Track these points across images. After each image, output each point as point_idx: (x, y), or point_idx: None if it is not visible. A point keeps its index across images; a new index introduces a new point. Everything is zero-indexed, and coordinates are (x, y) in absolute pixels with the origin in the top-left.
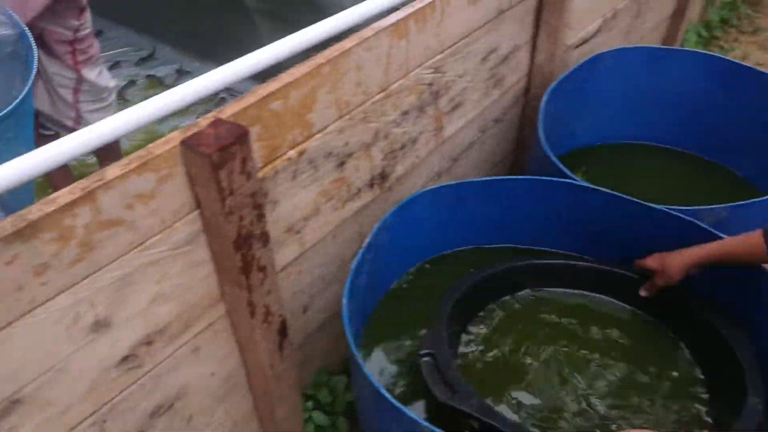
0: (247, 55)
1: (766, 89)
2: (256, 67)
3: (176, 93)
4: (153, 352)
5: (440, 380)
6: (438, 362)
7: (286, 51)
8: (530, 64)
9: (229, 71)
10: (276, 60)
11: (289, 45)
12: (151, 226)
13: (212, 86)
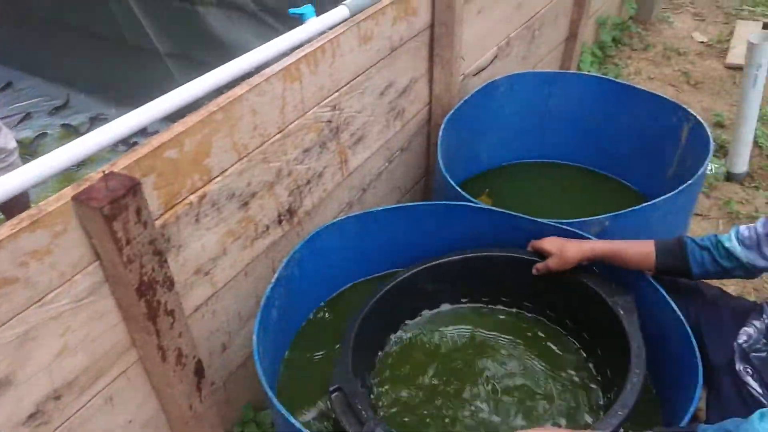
0: (157, 99)
1: (645, 104)
2: (164, 111)
3: (79, 144)
4: (62, 407)
5: (350, 413)
6: (347, 396)
7: (198, 92)
8: (429, 95)
9: (135, 116)
10: (185, 102)
11: (200, 86)
12: (49, 280)
13: (120, 132)
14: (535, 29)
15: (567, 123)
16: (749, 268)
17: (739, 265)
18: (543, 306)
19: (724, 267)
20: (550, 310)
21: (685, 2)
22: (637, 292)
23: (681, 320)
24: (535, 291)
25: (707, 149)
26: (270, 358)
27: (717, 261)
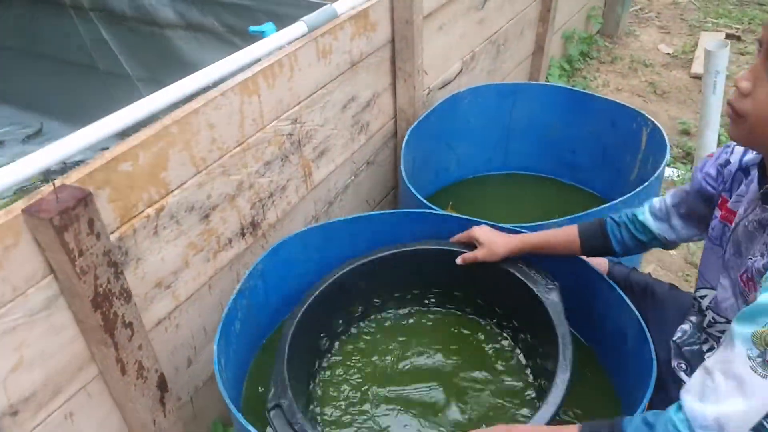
0: (111, 115)
1: (605, 111)
2: (118, 126)
3: (33, 158)
4: (20, 422)
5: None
6: (285, 413)
7: (154, 107)
8: (394, 108)
9: (88, 132)
10: (140, 117)
11: (156, 102)
12: (1, 294)
13: (74, 148)
14: (500, 44)
15: (531, 133)
16: (662, 240)
17: (653, 237)
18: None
19: (641, 240)
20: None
21: (650, 16)
22: (595, 291)
23: (637, 317)
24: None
25: (665, 152)
26: (233, 370)
27: (634, 235)
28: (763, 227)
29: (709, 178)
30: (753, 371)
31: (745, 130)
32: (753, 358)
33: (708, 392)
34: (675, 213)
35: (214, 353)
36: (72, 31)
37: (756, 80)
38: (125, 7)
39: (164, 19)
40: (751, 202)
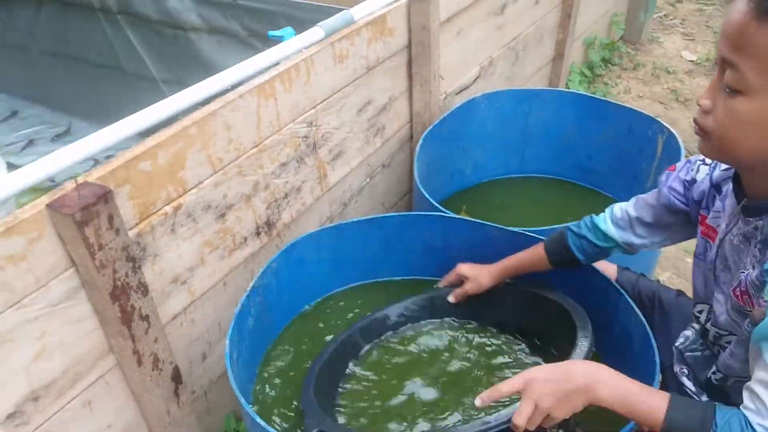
0: (131, 116)
1: (621, 118)
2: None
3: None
4: (41, 408)
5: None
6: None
7: (174, 109)
8: (410, 112)
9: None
10: (161, 119)
11: (176, 103)
12: (25, 285)
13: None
14: (519, 50)
15: (547, 138)
16: (624, 247)
17: (616, 244)
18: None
19: (602, 248)
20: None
21: (675, 23)
22: (603, 296)
23: (643, 323)
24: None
25: (679, 159)
26: (246, 365)
27: (595, 244)
28: (749, 239)
29: (676, 192)
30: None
31: (711, 146)
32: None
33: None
34: (639, 223)
35: (226, 347)
36: (100, 34)
37: (715, 97)
38: (151, 10)
39: (188, 22)
40: (731, 217)
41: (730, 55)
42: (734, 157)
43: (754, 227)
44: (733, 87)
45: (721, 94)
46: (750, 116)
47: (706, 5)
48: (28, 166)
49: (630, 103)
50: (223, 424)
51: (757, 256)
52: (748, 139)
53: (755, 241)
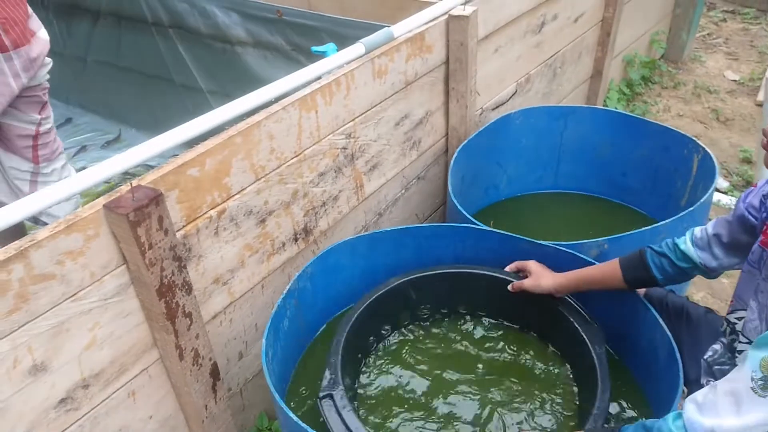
0: (182, 125)
1: (656, 136)
2: (189, 136)
3: (105, 166)
4: (90, 395)
5: (339, 420)
6: (335, 403)
7: (221, 119)
8: (446, 127)
9: (165, 140)
10: (209, 128)
11: (224, 114)
12: (81, 279)
13: (147, 154)
14: (557, 67)
15: (582, 155)
16: (703, 268)
17: (695, 266)
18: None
19: (682, 269)
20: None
21: (718, 42)
22: (631, 311)
23: (668, 337)
24: (514, 310)
25: (714, 179)
26: (280, 364)
27: (675, 264)
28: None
29: (752, 208)
30: (753, 392)
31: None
32: (755, 380)
33: (709, 405)
34: (716, 242)
35: (263, 346)
36: (152, 46)
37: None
38: (201, 25)
39: (235, 36)
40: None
41: None
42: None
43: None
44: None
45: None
46: None
47: (752, 25)
48: (91, 168)
49: (669, 121)
50: (255, 422)
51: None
52: None
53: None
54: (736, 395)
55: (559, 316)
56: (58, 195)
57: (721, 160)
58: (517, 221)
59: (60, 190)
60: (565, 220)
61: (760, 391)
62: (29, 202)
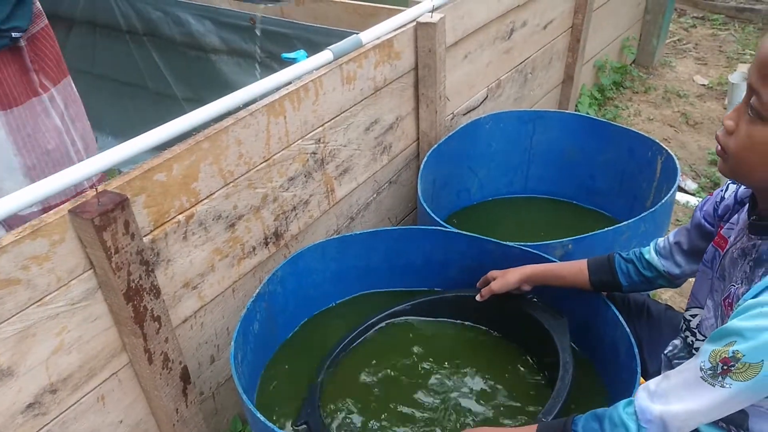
0: (150, 131)
1: (622, 139)
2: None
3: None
4: (58, 400)
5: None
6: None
7: (188, 125)
8: (417, 131)
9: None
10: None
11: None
12: (48, 283)
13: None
14: (528, 72)
15: (551, 159)
16: (667, 276)
17: (659, 274)
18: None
19: (647, 277)
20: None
21: (688, 48)
22: (593, 310)
23: (628, 334)
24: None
25: (676, 180)
26: (250, 367)
27: (640, 272)
28: (746, 255)
29: (707, 215)
30: (703, 380)
31: (728, 167)
32: (705, 369)
33: (660, 393)
34: (678, 250)
35: (231, 349)
36: (127, 54)
37: (739, 120)
38: (175, 33)
39: (210, 44)
40: (740, 231)
41: (756, 83)
42: (747, 179)
43: (753, 245)
44: (757, 113)
45: (745, 117)
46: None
47: (720, 31)
48: (54, 175)
49: (640, 125)
50: (229, 425)
51: (747, 272)
52: (762, 165)
53: (749, 258)
54: (687, 384)
55: (525, 315)
56: (24, 200)
57: (690, 163)
58: (489, 225)
59: (25, 195)
60: (534, 223)
61: (709, 380)
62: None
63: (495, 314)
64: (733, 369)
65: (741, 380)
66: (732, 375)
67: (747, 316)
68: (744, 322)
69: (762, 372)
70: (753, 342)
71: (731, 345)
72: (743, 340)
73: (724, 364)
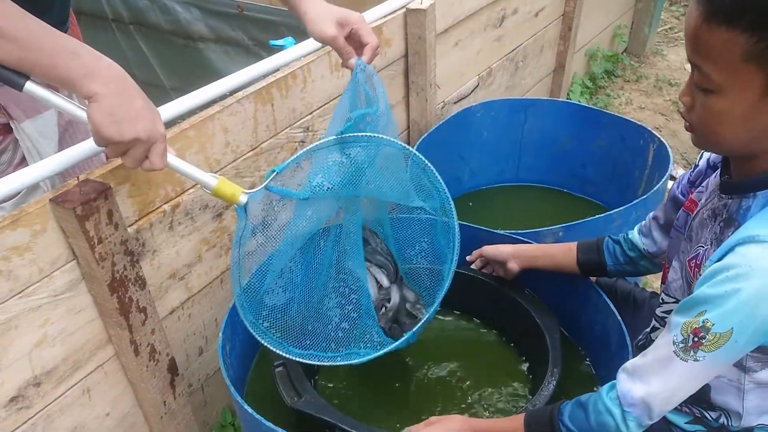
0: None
1: (614, 127)
2: None
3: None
4: (42, 393)
5: (290, 387)
6: (289, 372)
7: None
8: (407, 120)
9: None
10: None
11: (178, 107)
12: (29, 275)
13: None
14: (519, 61)
15: (543, 147)
16: (647, 255)
17: (641, 254)
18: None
19: (631, 257)
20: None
21: (680, 36)
22: (585, 297)
23: (619, 323)
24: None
25: (668, 167)
26: (239, 359)
27: (625, 252)
28: (715, 216)
29: (683, 188)
30: (675, 355)
31: (698, 139)
32: (677, 343)
33: (639, 372)
34: (655, 225)
35: (219, 340)
36: (113, 43)
37: (693, 95)
38: (162, 21)
39: (197, 32)
40: (711, 194)
41: (693, 57)
42: (718, 148)
43: (724, 204)
44: (701, 86)
45: (697, 91)
46: (723, 112)
47: None
48: (43, 161)
49: (631, 114)
50: (218, 417)
51: (717, 233)
52: (726, 132)
53: (720, 219)
54: (662, 360)
55: (516, 306)
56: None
57: (682, 151)
58: (480, 213)
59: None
60: (526, 212)
61: (682, 354)
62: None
63: (481, 301)
64: (704, 341)
65: (713, 350)
66: (703, 347)
67: (714, 283)
68: (711, 289)
69: (732, 338)
70: (721, 309)
71: (701, 315)
72: (712, 307)
73: (695, 336)
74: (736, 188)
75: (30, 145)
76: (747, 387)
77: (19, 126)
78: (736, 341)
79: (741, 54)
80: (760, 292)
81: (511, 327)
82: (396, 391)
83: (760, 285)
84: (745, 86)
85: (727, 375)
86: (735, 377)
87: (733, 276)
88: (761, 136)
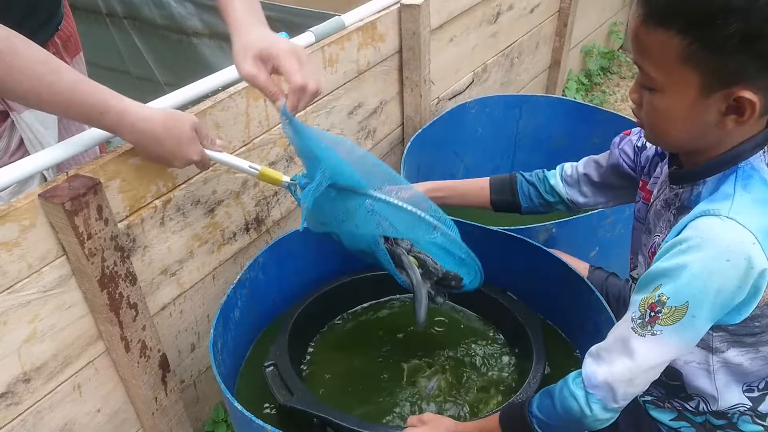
0: None
1: (608, 124)
2: None
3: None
4: (32, 389)
5: (282, 385)
6: (280, 371)
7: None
8: (402, 116)
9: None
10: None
11: (169, 102)
12: (18, 270)
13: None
14: (514, 57)
15: (537, 143)
16: (569, 204)
17: (560, 200)
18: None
19: (547, 201)
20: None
21: None
22: (577, 294)
23: (612, 320)
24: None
25: None
26: (231, 356)
27: (542, 195)
28: (669, 206)
29: (626, 156)
30: (634, 332)
31: (648, 135)
32: (635, 320)
33: (603, 354)
34: (586, 181)
35: (211, 336)
36: (107, 38)
37: (640, 92)
38: (156, 16)
39: (191, 27)
40: (663, 183)
41: (635, 57)
42: (667, 144)
43: (675, 194)
44: (645, 85)
45: (643, 90)
46: (666, 110)
47: None
48: (31, 156)
49: (627, 111)
50: (211, 414)
51: (671, 221)
52: (671, 130)
53: (673, 208)
54: (622, 338)
55: (504, 309)
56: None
57: None
58: (474, 209)
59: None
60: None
61: (639, 330)
62: None
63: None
64: (660, 315)
65: (670, 324)
66: (660, 321)
67: (668, 256)
68: (665, 263)
69: (689, 313)
70: (676, 282)
71: (657, 289)
72: (667, 280)
73: (651, 311)
74: (685, 178)
75: (31, 135)
76: (715, 367)
77: (19, 116)
78: (693, 316)
79: (677, 55)
80: (711, 262)
81: (503, 326)
82: (384, 384)
83: (711, 255)
84: (684, 86)
85: (696, 358)
86: (703, 359)
87: (685, 248)
88: (704, 135)
